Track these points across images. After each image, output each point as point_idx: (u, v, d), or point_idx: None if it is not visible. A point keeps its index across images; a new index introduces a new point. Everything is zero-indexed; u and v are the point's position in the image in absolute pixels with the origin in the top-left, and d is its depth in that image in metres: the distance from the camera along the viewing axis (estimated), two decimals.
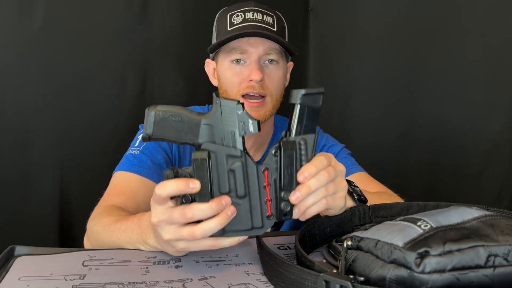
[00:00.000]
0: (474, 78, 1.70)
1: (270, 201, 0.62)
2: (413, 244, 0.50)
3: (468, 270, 0.48)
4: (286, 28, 1.10)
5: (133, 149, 1.04)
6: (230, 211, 0.59)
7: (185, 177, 0.59)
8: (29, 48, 1.45)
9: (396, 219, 0.60)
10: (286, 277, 0.57)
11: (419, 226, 0.54)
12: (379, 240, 0.54)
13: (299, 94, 0.63)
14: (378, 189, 1.03)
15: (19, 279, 0.61)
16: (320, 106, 0.64)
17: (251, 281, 0.62)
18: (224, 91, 1.06)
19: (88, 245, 0.85)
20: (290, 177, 0.62)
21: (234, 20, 1.03)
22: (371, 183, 1.06)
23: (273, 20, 1.05)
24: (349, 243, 0.58)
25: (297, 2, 1.91)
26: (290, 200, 0.62)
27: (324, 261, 0.60)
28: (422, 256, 0.49)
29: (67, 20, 1.49)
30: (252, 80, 1.01)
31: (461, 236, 0.51)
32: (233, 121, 0.61)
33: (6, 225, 1.45)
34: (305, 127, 0.63)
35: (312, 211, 0.65)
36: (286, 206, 0.62)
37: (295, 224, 1.14)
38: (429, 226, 0.53)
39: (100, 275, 0.63)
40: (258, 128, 0.62)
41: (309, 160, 0.63)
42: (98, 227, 0.81)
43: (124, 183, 0.98)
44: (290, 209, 0.63)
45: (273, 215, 0.62)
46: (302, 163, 0.63)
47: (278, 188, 0.62)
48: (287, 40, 1.08)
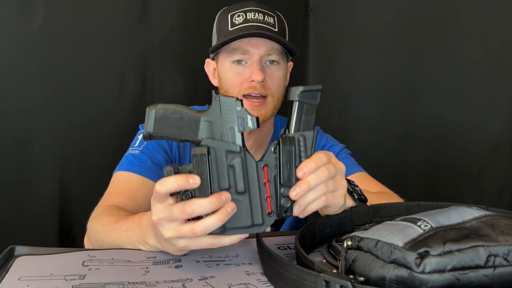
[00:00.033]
0: (474, 78, 1.70)
1: (270, 198, 0.62)
2: (413, 244, 0.50)
3: (468, 270, 0.48)
4: (287, 28, 1.10)
5: (133, 149, 1.04)
6: (230, 208, 0.59)
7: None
8: (29, 48, 1.45)
9: (396, 219, 0.60)
10: (286, 277, 0.57)
11: (419, 226, 0.54)
12: (379, 240, 0.54)
13: (297, 92, 0.64)
14: (378, 189, 1.03)
15: (19, 279, 0.61)
16: (318, 103, 0.64)
17: (251, 281, 0.62)
18: (225, 91, 1.06)
19: (89, 245, 0.85)
20: (290, 173, 0.62)
21: (236, 20, 1.03)
22: (371, 183, 1.06)
23: (274, 21, 1.05)
24: (349, 243, 0.58)
25: (297, 2, 1.91)
26: (290, 196, 0.62)
27: (324, 261, 0.60)
28: (422, 256, 0.49)
29: (67, 20, 1.49)
30: (254, 81, 1.01)
31: (461, 236, 0.51)
32: (232, 117, 0.62)
33: (6, 225, 1.45)
34: (304, 124, 0.64)
35: (312, 208, 0.65)
36: (286, 202, 0.63)
37: (295, 224, 1.14)
38: (429, 226, 0.53)
39: (100, 275, 0.63)
40: (257, 124, 0.63)
41: (309, 157, 0.63)
42: (98, 227, 0.81)
43: (124, 183, 0.98)
44: (290, 206, 0.63)
45: (274, 212, 0.63)
46: (302, 160, 0.63)
47: (278, 185, 0.63)
48: (288, 40, 1.08)
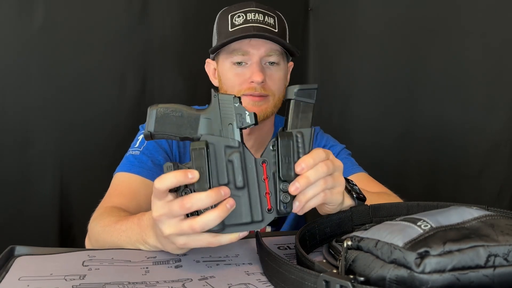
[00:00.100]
0: (474, 78, 1.70)
1: (270, 195, 0.63)
2: (413, 244, 0.50)
3: (468, 270, 0.48)
4: (287, 29, 1.10)
5: (134, 150, 1.04)
6: (229, 204, 0.59)
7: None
8: (29, 48, 1.45)
9: (396, 219, 0.60)
10: (286, 277, 0.57)
11: (419, 226, 0.54)
12: (379, 240, 0.54)
13: (294, 90, 0.66)
14: (378, 190, 1.03)
15: (19, 279, 0.61)
16: (315, 102, 0.66)
17: (251, 281, 0.62)
18: (225, 92, 1.06)
19: (89, 246, 0.85)
20: (288, 167, 0.63)
21: (236, 21, 1.03)
22: (371, 184, 1.06)
23: (275, 21, 1.05)
24: (349, 243, 0.58)
25: (297, 2, 1.91)
26: (289, 191, 0.63)
27: (324, 261, 0.60)
28: (422, 256, 0.49)
29: (67, 20, 1.49)
30: (254, 82, 1.01)
31: (461, 236, 0.51)
32: (231, 114, 0.64)
33: (6, 225, 1.45)
34: (301, 122, 0.65)
35: (312, 204, 0.65)
36: (285, 198, 0.63)
37: (295, 224, 1.14)
38: (429, 226, 0.53)
39: (100, 275, 0.63)
40: (255, 120, 0.64)
41: (307, 153, 0.64)
42: (99, 228, 0.81)
43: (125, 184, 0.99)
44: (290, 201, 0.63)
45: (273, 209, 0.63)
46: (300, 156, 0.64)
47: (277, 180, 0.63)
48: (288, 40, 1.08)
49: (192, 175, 0.58)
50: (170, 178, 0.58)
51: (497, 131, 1.68)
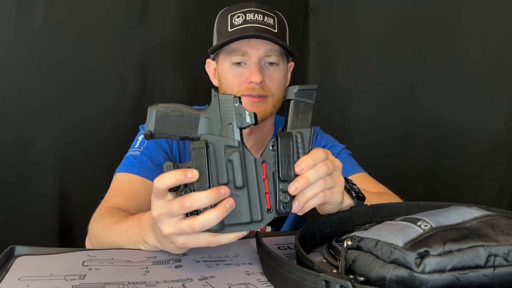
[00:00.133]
0: (474, 78, 1.70)
1: (269, 194, 0.63)
2: (413, 244, 0.50)
3: (468, 270, 0.48)
4: (287, 29, 1.10)
5: (134, 150, 1.04)
6: (229, 204, 0.60)
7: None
8: (29, 48, 1.45)
9: (396, 219, 0.60)
10: (286, 277, 0.57)
11: (419, 226, 0.54)
12: (379, 240, 0.54)
13: (294, 91, 0.66)
14: (378, 190, 1.03)
15: (19, 279, 0.61)
16: (315, 102, 0.66)
17: (251, 281, 0.62)
18: (225, 92, 1.06)
19: (90, 247, 0.85)
20: (288, 167, 0.63)
21: (235, 21, 1.03)
22: (371, 184, 1.06)
23: (274, 21, 1.05)
24: (349, 243, 0.58)
25: (297, 2, 1.91)
26: (289, 191, 0.63)
27: (324, 261, 0.60)
28: (422, 256, 0.49)
29: (67, 20, 1.49)
30: (252, 82, 1.01)
31: (461, 236, 0.51)
32: (231, 113, 0.64)
33: (6, 225, 1.45)
34: (301, 122, 0.66)
35: (311, 204, 0.65)
36: (285, 198, 0.63)
37: (295, 224, 1.14)
38: (429, 226, 0.53)
39: (100, 275, 0.63)
40: (255, 120, 0.64)
41: (306, 153, 0.65)
42: (99, 228, 0.81)
43: (125, 185, 0.99)
44: (289, 201, 0.64)
45: (272, 209, 0.63)
46: (299, 156, 0.64)
47: (277, 180, 0.63)
48: (288, 41, 1.08)
49: (192, 175, 0.59)
50: (170, 178, 0.58)
51: (497, 131, 1.68)
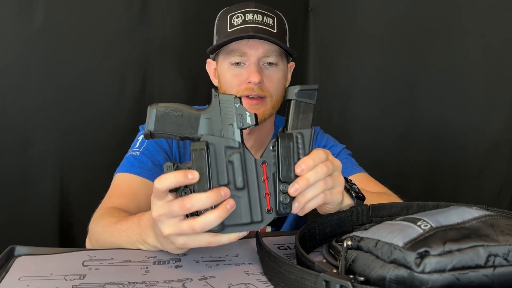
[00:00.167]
0: (474, 78, 1.70)
1: (269, 195, 0.63)
2: (413, 244, 0.50)
3: (468, 270, 0.48)
4: (287, 29, 1.10)
5: (134, 150, 1.04)
6: (230, 204, 0.59)
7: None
8: (29, 48, 1.45)
9: (396, 219, 0.60)
10: (286, 277, 0.57)
11: (419, 226, 0.54)
12: (379, 240, 0.54)
13: (294, 91, 0.66)
14: (378, 190, 1.03)
15: (19, 279, 0.61)
16: (315, 102, 0.66)
17: (251, 281, 0.62)
18: (224, 92, 1.06)
19: (90, 247, 0.85)
20: (288, 168, 0.63)
21: (234, 22, 1.03)
22: (371, 184, 1.06)
23: (274, 22, 1.05)
24: (349, 243, 0.58)
25: (297, 2, 1.91)
26: (289, 192, 0.63)
27: (324, 261, 0.60)
28: (422, 256, 0.49)
29: (67, 20, 1.49)
30: (251, 82, 1.01)
31: (461, 236, 0.51)
32: (231, 114, 0.63)
33: (6, 225, 1.45)
34: (302, 123, 0.65)
35: (311, 205, 0.65)
36: (285, 199, 0.63)
37: (295, 224, 1.14)
38: (429, 226, 0.53)
39: (100, 275, 0.63)
40: (256, 121, 0.64)
41: (307, 154, 0.64)
42: (99, 228, 0.81)
43: (125, 185, 0.99)
44: (289, 202, 0.63)
45: (273, 209, 0.63)
46: (300, 157, 0.64)
47: (277, 181, 0.63)
48: (288, 40, 1.08)
49: (192, 176, 0.58)
50: (170, 178, 0.58)
51: (497, 131, 1.68)
